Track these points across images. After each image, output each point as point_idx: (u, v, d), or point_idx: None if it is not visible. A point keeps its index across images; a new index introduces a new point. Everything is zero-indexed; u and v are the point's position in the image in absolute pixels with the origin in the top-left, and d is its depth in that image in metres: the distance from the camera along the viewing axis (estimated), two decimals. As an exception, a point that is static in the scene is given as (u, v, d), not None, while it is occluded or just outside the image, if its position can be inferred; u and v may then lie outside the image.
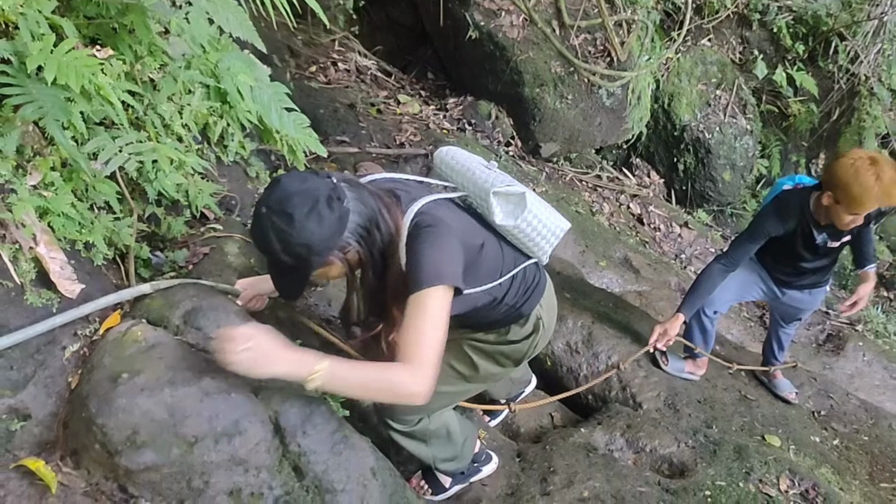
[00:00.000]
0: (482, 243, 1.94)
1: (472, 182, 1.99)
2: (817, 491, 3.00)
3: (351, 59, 6.08)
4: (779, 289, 3.75)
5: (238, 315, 1.90)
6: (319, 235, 1.61)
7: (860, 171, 2.89)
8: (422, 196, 1.84)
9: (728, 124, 6.65)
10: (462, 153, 2.12)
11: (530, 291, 2.15)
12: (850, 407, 4.41)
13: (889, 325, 6.25)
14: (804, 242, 3.36)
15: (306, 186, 1.62)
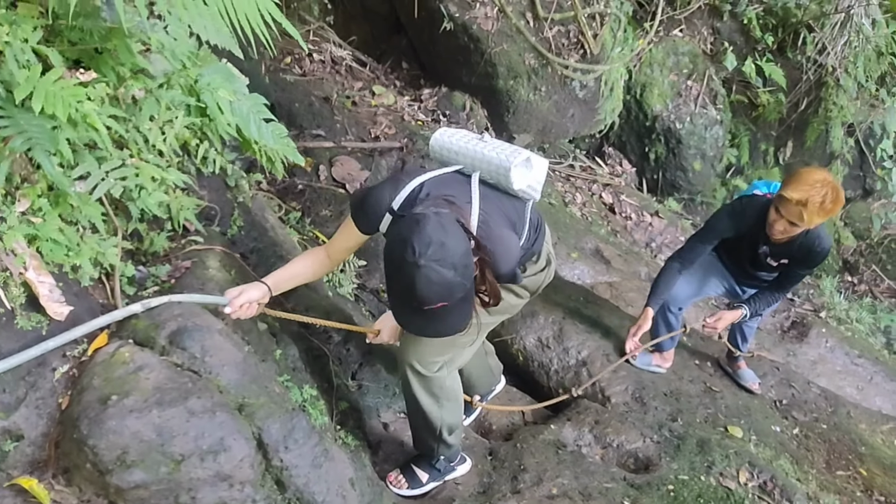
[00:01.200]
0: (513, 215, 2.20)
1: (486, 162, 2.17)
2: (775, 483, 3.16)
3: (326, 49, 6.09)
4: (739, 287, 3.90)
5: (221, 333, 1.98)
6: (463, 239, 1.85)
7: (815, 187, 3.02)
8: (469, 198, 2.06)
9: (698, 114, 6.78)
10: (455, 137, 2.32)
11: (538, 232, 2.42)
12: (810, 395, 4.59)
13: (851, 312, 6.47)
14: (749, 252, 3.51)
15: (422, 223, 1.79)
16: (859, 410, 4.66)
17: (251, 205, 2.93)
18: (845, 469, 3.88)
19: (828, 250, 3.39)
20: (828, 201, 3.01)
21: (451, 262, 1.77)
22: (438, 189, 2.09)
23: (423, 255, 1.74)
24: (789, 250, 3.39)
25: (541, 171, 2.28)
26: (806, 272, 3.58)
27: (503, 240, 2.05)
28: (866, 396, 5.73)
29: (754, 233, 3.40)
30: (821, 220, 3.10)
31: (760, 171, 7.43)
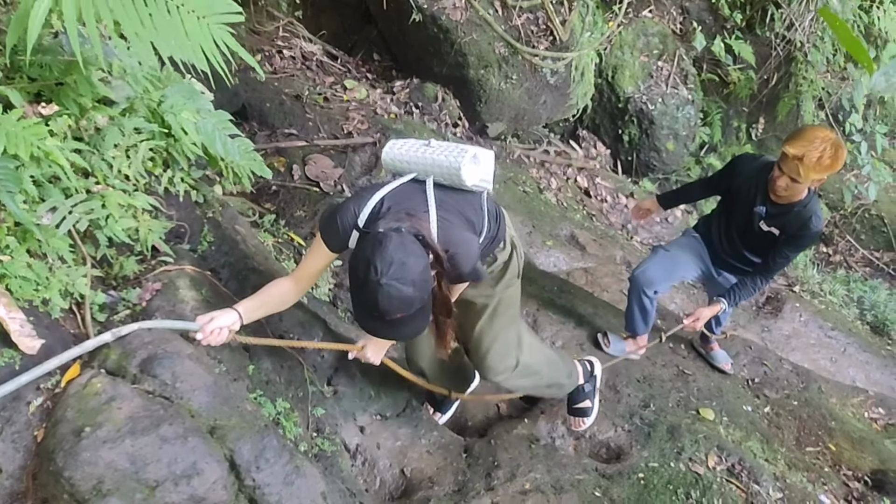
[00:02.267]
0: (468, 211, 2.32)
1: (437, 166, 2.28)
2: (742, 465, 3.27)
3: (296, 45, 6.10)
4: (715, 269, 3.97)
5: (192, 358, 2.04)
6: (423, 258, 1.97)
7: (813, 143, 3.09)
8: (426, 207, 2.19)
9: (670, 95, 6.84)
10: (404, 148, 2.41)
11: (499, 220, 2.55)
12: (782, 372, 4.71)
13: (824, 285, 6.60)
14: (745, 212, 3.56)
15: (384, 243, 1.92)
16: (830, 385, 4.79)
17: (221, 218, 2.97)
18: (815, 445, 4.00)
19: (819, 232, 3.47)
20: (826, 157, 3.08)
21: (410, 279, 1.91)
22: (398, 202, 2.20)
23: (385, 275, 1.88)
24: (785, 217, 3.44)
25: (488, 164, 2.39)
26: (792, 253, 3.61)
27: (463, 242, 2.17)
28: (840, 368, 5.88)
29: (752, 189, 3.46)
30: (818, 175, 3.16)
31: (734, 147, 7.52)
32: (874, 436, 4.24)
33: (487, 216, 2.43)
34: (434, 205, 2.19)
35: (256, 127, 5.17)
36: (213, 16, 2.07)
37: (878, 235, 8.15)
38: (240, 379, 2.27)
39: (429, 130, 5.73)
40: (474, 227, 2.32)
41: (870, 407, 4.71)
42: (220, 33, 2.09)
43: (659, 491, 2.96)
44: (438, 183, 2.31)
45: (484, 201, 2.44)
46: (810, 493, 3.28)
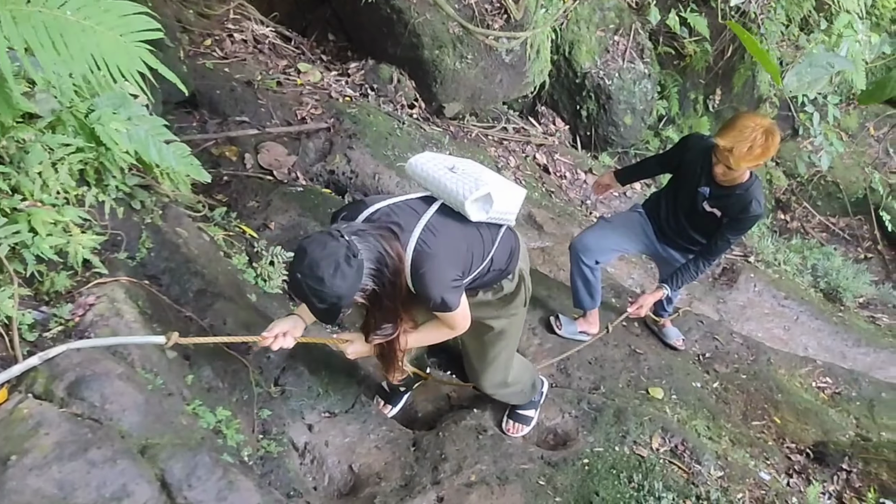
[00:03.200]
0: (467, 244, 2.38)
1: (446, 193, 2.35)
2: (686, 445, 3.37)
3: (247, 28, 6.00)
4: (660, 244, 4.00)
5: (122, 377, 2.05)
6: (345, 288, 2.04)
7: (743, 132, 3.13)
8: (413, 227, 2.26)
9: (627, 69, 6.85)
10: (427, 164, 2.44)
11: (514, 254, 2.64)
12: (733, 346, 4.82)
13: (779, 255, 6.72)
14: (690, 192, 3.61)
15: (328, 252, 2.01)
16: (780, 356, 4.91)
17: (161, 222, 2.96)
18: (760, 419, 4.12)
19: (759, 216, 3.53)
20: (756, 147, 3.12)
21: (319, 294, 2.03)
22: (388, 216, 2.28)
23: (302, 274, 2.02)
24: (727, 199, 3.49)
25: (510, 201, 2.46)
26: (733, 237, 3.67)
27: (435, 270, 2.24)
28: (793, 336, 6.02)
29: (697, 170, 3.51)
30: (750, 164, 3.22)
31: (692, 119, 7.58)
32: (819, 406, 4.38)
33: (497, 249, 2.50)
34: (420, 229, 2.26)
35: (207, 115, 5.11)
36: (131, 34, 2.05)
37: (834, 201, 8.30)
38: (175, 393, 2.29)
39: (384, 114, 5.70)
40: (467, 259, 2.38)
41: (818, 377, 4.85)
42: (138, 51, 2.06)
43: (602, 476, 3.05)
44: (449, 207, 2.38)
45: (500, 234, 2.52)
46: (751, 469, 3.39)
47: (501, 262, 2.57)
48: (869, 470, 3.54)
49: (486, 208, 2.36)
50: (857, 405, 4.59)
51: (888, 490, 3.41)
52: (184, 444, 1.98)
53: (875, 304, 6.99)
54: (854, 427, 4.33)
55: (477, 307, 2.62)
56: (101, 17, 1.97)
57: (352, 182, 5.15)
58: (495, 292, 2.68)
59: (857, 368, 5.69)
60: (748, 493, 3.16)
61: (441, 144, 5.78)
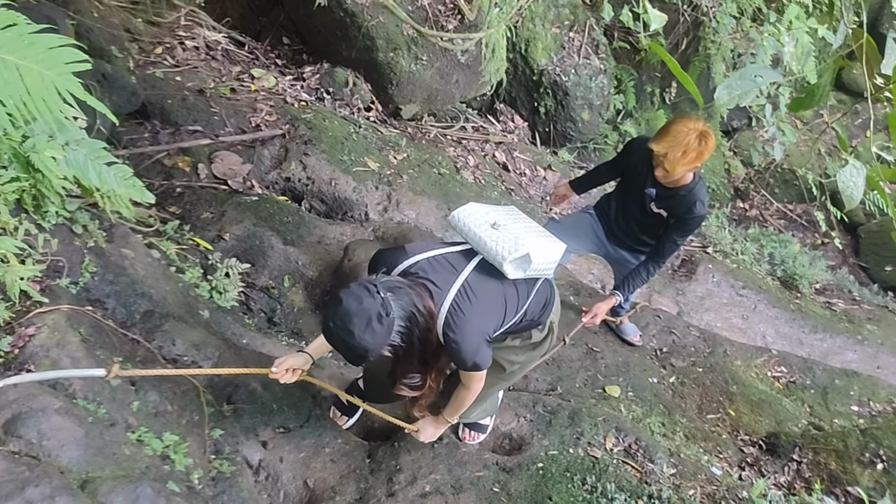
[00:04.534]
0: (503, 300, 2.47)
1: (486, 251, 2.46)
2: (639, 444, 3.42)
3: (199, 34, 5.94)
4: (610, 244, 4.06)
5: (60, 412, 2.05)
6: (373, 343, 2.16)
7: (677, 138, 3.19)
8: (450, 287, 2.35)
9: (583, 65, 6.90)
10: (471, 219, 2.54)
11: (547, 306, 2.73)
12: (689, 339, 4.90)
13: (736, 245, 6.83)
14: (638, 193, 3.66)
15: (363, 307, 2.12)
16: (736, 347, 5.01)
17: (106, 245, 2.94)
18: (715, 412, 4.20)
19: (703, 217, 3.60)
20: (690, 151, 3.18)
21: (349, 345, 2.15)
22: (426, 272, 2.37)
23: (335, 325, 2.15)
24: (672, 200, 3.56)
25: (549, 256, 2.55)
26: (680, 238, 3.73)
27: (466, 331, 2.34)
28: (751, 325, 6.15)
29: (643, 172, 3.55)
30: (686, 168, 3.28)
31: (649, 113, 7.66)
32: (773, 397, 4.47)
33: (532, 301, 2.60)
34: (456, 290, 2.35)
35: (159, 125, 5.06)
36: (58, 67, 2.03)
37: (791, 188, 8.45)
38: (119, 422, 2.28)
39: (340, 118, 5.68)
40: (500, 314, 2.48)
41: (773, 366, 4.95)
42: (65, 84, 2.05)
43: (556, 480, 3.08)
44: (487, 261, 2.48)
45: (536, 286, 2.62)
46: (703, 465, 3.45)
47: (535, 314, 2.68)
48: (818, 460, 3.63)
49: (524, 267, 2.45)
50: (812, 393, 4.70)
51: (836, 479, 3.50)
52: (125, 476, 1.98)
53: (831, 290, 7.15)
54: (807, 416, 4.44)
55: (499, 350, 2.72)
56: (26, 52, 1.95)
57: (308, 189, 5.14)
58: (523, 339, 2.79)
59: (814, 355, 5.83)
60: (700, 489, 3.23)
61: (398, 148, 5.78)
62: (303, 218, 4.80)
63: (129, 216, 2.88)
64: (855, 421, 4.39)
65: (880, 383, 4.86)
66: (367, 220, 5.13)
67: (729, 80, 2.23)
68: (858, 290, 7.18)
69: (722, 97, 2.20)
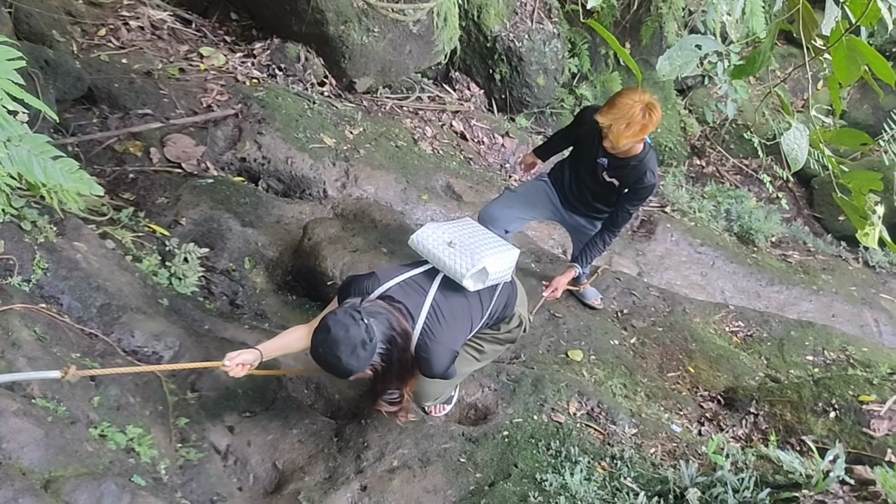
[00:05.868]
0: (468, 312, 2.72)
1: (446, 269, 2.68)
2: (601, 407, 3.51)
3: (143, 14, 5.79)
4: (565, 211, 4.11)
5: (18, 414, 2.04)
6: (358, 366, 2.39)
7: (621, 110, 3.23)
8: (420, 310, 2.57)
9: (536, 30, 6.87)
10: (429, 241, 2.75)
11: (510, 302, 2.97)
12: (649, 300, 4.99)
13: (693, 203, 6.93)
14: (590, 162, 3.71)
15: (349, 336, 2.34)
16: (694, 304, 5.12)
17: (57, 239, 2.90)
18: (675, 370, 4.31)
19: (653, 186, 3.66)
20: (635, 123, 3.23)
21: (336, 368, 2.39)
22: (399, 296, 2.59)
23: (323, 348, 2.36)
24: (623, 169, 3.61)
25: (507, 265, 2.79)
26: (633, 207, 3.79)
27: (435, 354, 2.57)
28: (710, 281, 6.27)
29: (594, 142, 3.58)
30: (632, 140, 3.32)
31: (604, 75, 7.68)
32: (731, 352, 4.60)
33: (496, 300, 2.85)
34: (429, 306, 2.59)
35: (107, 110, 4.95)
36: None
37: (746, 143, 8.53)
38: (80, 419, 2.28)
39: (294, 95, 5.61)
40: (469, 324, 2.74)
41: (730, 321, 5.07)
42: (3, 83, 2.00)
43: (521, 447, 3.16)
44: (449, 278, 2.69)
45: (497, 290, 2.86)
46: (664, 424, 3.56)
47: (499, 311, 2.91)
48: (774, 412, 3.75)
49: (482, 279, 2.68)
50: (768, 346, 4.83)
51: (792, 430, 3.63)
52: (89, 473, 1.99)
53: (787, 243, 7.31)
54: (764, 368, 4.57)
55: (470, 342, 2.98)
56: (-45, 52, 1.90)
57: (264, 168, 5.09)
58: (493, 333, 3.03)
59: (772, 307, 5.98)
60: (660, 447, 3.33)
61: (354, 122, 5.74)
62: (260, 198, 4.77)
63: (78, 209, 2.82)
64: (810, 371, 4.52)
65: (834, 332, 5.00)
66: (326, 197, 5.11)
67: (670, 52, 2.25)
68: (813, 241, 7.34)
69: (664, 68, 2.23)
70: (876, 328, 6.06)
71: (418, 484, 2.87)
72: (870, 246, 2.23)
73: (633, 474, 3.03)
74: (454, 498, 2.86)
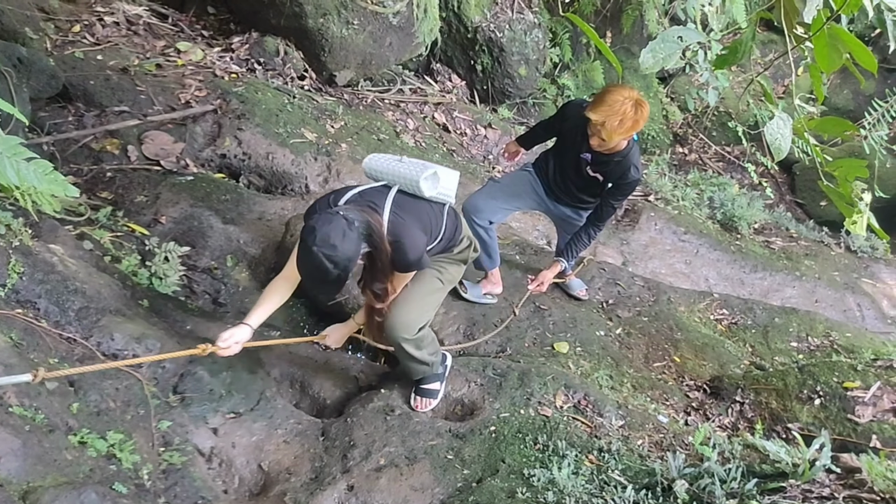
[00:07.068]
0: (426, 216, 2.87)
1: (401, 178, 2.84)
2: (588, 399, 3.50)
3: (118, 9, 5.70)
4: (550, 201, 4.09)
5: (-6, 424, 2.00)
6: (352, 250, 2.49)
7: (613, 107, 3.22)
8: (384, 204, 2.73)
9: (517, 20, 6.84)
10: (381, 161, 2.96)
11: (458, 227, 3.16)
12: (634, 289, 4.99)
13: (676, 191, 6.94)
14: (574, 156, 3.70)
15: (333, 225, 2.46)
16: (679, 293, 5.12)
17: (31, 242, 2.84)
18: (661, 360, 4.31)
19: (637, 181, 3.68)
20: (627, 120, 3.24)
21: (334, 259, 2.44)
22: (365, 196, 2.76)
23: (318, 246, 2.41)
24: (607, 165, 3.61)
25: (450, 183, 2.98)
26: (616, 202, 3.81)
27: (409, 235, 2.71)
28: (694, 269, 6.29)
29: (578, 137, 3.58)
30: (623, 136, 3.33)
31: (585, 64, 7.66)
32: (717, 340, 4.60)
33: (446, 222, 3.02)
34: (390, 205, 2.74)
35: (83, 108, 4.87)
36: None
37: (728, 131, 8.56)
38: (59, 426, 2.24)
39: (273, 90, 5.55)
40: (428, 229, 2.87)
41: (715, 309, 5.08)
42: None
43: (508, 441, 3.14)
44: (404, 190, 2.85)
45: (445, 211, 3.02)
46: (651, 415, 3.55)
47: (451, 234, 3.08)
48: (760, 400, 3.76)
49: (435, 185, 2.86)
50: (753, 333, 4.84)
51: (777, 417, 3.64)
52: (69, 483, 1.95)
53: (770, 229, 7.34)
54: (749, 356, 4.59)
55: (433, 261, 3.11)
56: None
57: (245, 164, 5.04)
58: (448, 255, 3.21)
59: (755, 294, 6.01)
60: (648, 439, 3.33)
61: (335, 116, 5.69)
62: (241, 195, 4.72)
63: (53, 211, 2.77)
64: (794, 357, 4.54)
65: (818, 318, 5.03)
66: (308, 192, 5.06)
67: (652, 44, 2.23)
68: (795, 227, 7.39)
69: (647, 62, 2.21)
70: (859, 313, 6.11)
71: (405, 482, 2.85)
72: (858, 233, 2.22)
73: (621, 467, 3.02)
74: (442, 495, 2.84)
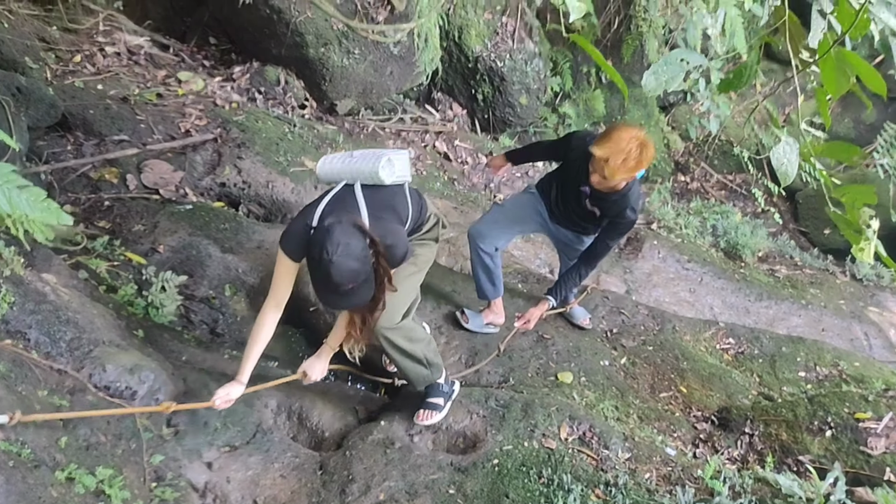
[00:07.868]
0: (395, 203, 2.90)
1: (359, 172, 2.86)
2: (593, 431, 3.41)
3: (119, 39, 5.72)
4: (552, 223, 4.05)
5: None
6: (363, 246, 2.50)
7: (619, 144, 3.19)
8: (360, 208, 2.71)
9: (517, 50, 6.86)
10: (333, 162, 2.97)
11: (421, 203, 3.16)
12: (639, 318, 4.92)
13: (679, 219, 6.90)
14: (574, 188, 3.66)
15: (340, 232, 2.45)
16: (684, 322, 5.04)
17: (23, 272, 2.79)
18: (667, 390, 4.22)
19: (632, 222, 3.65)
20: (631, 159, 3.20)
21: (353, 255, 2.45)
22: (337, 208, 2.71)
23: (334, 253, 2.41)
24: (604, 202, 3.57)
25: (403, 162, 2.99)
26: (612, 241, 3.78)
27: (394, 233, 2.75)
28: (698, 297, 6.22)
29: (579, 169, 3.53)
30: (624, 176, 3.30)
31: (586, 93, 7.67)
32: (723, 370, 4.51)
33: (412, 202, 3.02)
34: (364, 205, 2.72)
35: (82, 137, 4.85)
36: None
37: (730, 159, 8.57)
38: (46, 462, 2.16)
39: (273, 119, 5.54)
40: (402, 215, 2.91)
41: (721, 338, 5.00)
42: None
43: (512, 475, 3.05)
44: (366, 184, 2.84)
45: (406, 190, 3.04)
46: (658, 447, 3.46)
47: (417, 212, 3.08)
48: (770, 431, 3.67)
49: (391, 170, 2.86)
50: (760, 363, 4.75)
51: (788, 450, 3.54)
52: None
53: (774, 257, 7.28)
54: (757, 386, 4.49)
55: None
56: None
57: (245, 193, 5.00)
58: (420, 235, 3.21)
59: (761, 322, 5.92)
60: (655, 472, 3.23)
61: (336, 143, 5.67)
62: (240, 223, 4.67)
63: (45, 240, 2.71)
64: (803, 387, 4.45)
65: (825, 347, 4.95)
66: (308, 221, 5.01)
67: (655, 67, 2.20)
68: (800, 255, 7.33)
69: (649, 84, 2.18)
70: (866, 342, 6.02)
71: (406, 518, 2.76)
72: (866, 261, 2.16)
73: (629, 502, 2.92)
74: (443, 532, 2.74)
